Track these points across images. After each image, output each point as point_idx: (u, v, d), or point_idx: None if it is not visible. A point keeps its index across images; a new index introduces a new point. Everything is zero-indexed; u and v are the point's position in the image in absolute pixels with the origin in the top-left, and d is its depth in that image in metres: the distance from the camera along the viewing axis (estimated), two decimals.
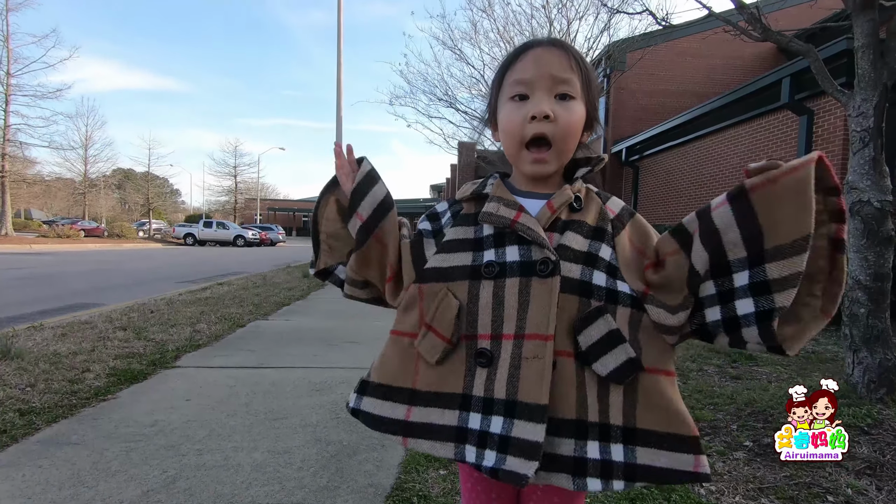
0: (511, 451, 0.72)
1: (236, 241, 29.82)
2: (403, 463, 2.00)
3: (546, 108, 0.78)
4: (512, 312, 0.76)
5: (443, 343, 0.79)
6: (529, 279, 0.76)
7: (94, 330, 4.22)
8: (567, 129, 0.79)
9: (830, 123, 6.65)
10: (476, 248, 0.81)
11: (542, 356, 0.73)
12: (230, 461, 1.98)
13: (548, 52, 0.80)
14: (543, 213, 0.80)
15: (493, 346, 0.77)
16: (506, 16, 9.78)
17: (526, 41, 0.84)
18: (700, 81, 12.96)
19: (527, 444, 0.71)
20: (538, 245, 0.76)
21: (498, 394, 0.75)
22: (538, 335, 0.74)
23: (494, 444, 0.74)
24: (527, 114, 0.78)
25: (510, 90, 0.81)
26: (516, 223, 0.78)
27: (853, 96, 2.61)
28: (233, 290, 7.32)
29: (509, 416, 0.74)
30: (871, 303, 2.52)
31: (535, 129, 0.78)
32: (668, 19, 4.13)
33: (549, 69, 0.79)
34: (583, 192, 0.85)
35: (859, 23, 2.56)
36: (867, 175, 2.54)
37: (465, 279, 0.80)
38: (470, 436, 0.77)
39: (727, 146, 8.95)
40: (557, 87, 0.79)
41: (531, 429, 0.72)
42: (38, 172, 33.31)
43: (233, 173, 50.42)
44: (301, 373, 3.24)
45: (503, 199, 0.82)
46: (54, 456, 1.99)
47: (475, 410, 0.77)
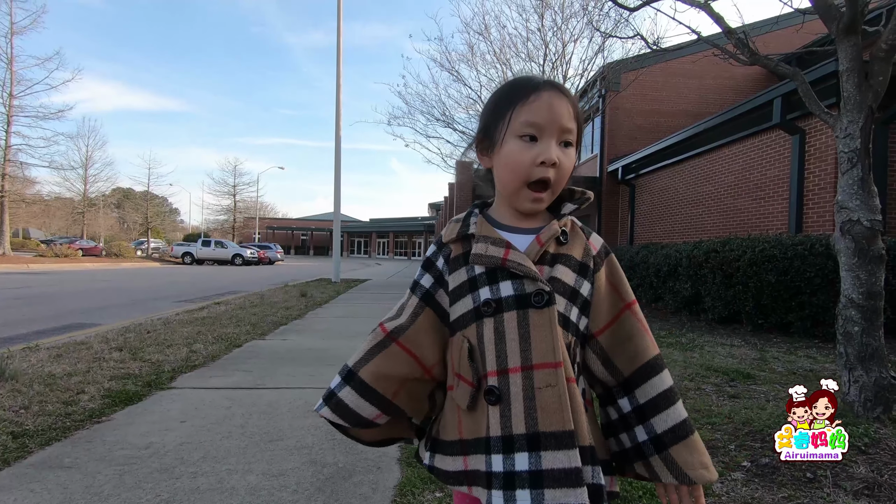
0: (548, 483, 0.72)
1: (234, 259, 29.79)
2: (399, 485, 1.98)
3: (555, 155, 0.81)
4: (514, 346, 0.78)
5: (469, 388, 0.81)
6: (526, 311, 0.78)
7: (90, 351, 4.20)
8: (566, 174, 0.84)
9: (822, 142, 6.75)
10: (472, 288, 0.84)
11: (555, 384, 0.75)
12: (224, 484, 1.96)
13: (559, 99, 0.83)
14: (532, 247, 0.83)
15: (501, 382, 0.78)
16: (502, 38, 10.01)
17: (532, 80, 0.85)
18: (693, 101, 13.17)
19: (563, 473, 0.72)
20: (530, 279, 0.79)
21: (517, 429, 0.75)
22: (547, 364, 0.76)
23: (524, 482, 0.73)
24: (536, 157, 0.81)
25: (520, 129, 0.82)
26: (507, 261, 0.80)
27: (840, 118, 2.67)
28: (230, 309, 7.30)
29: (534, 450, 0.74)
30: (864, 321, 2.54)
31: (542, 173, 0.82)
32: (659, 43, 4.23)
33: (559, 119, 0.82)
34: (568, 225, 0.88)
35: (843, 47, 2.63)
36: (856, 195, 2.58)
37: (472, 322, 0.83)
38: (494, 480, 0.76)
39: (721, 164, 9.07)
40: (563, 136, 0.83)
41: (562, 457, 0.73)
42: (37, 192, 33.41)
43: (232, 192, 50.70)
44: (297, 393, 3.22)
45: (489, 237, 0.84)
46: (46, 479, 1.97)
47: (495, 451, 0.77)
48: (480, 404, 0.81)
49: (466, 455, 0.82)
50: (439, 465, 0.86)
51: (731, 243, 6.14)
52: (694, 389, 3.37)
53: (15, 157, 24.48)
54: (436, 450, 0.88)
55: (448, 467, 0.84)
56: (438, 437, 0.88)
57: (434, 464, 0.87)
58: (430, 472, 0.88)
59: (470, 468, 0.81)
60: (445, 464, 0.85)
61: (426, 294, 0.90)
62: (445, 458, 0.85)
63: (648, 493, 1.88)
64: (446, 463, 0.85)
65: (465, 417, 0.83)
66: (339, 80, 14.47)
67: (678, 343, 5.09)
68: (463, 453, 0.82)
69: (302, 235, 64.42)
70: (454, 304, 0.86)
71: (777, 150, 7.63)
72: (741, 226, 8.30)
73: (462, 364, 0.82)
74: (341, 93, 14.55)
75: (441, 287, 0.89)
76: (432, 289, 0.90)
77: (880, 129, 6.15)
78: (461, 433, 0.83)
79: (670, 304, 7.26)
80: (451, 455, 0.84)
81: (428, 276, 0.91)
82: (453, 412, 0.86)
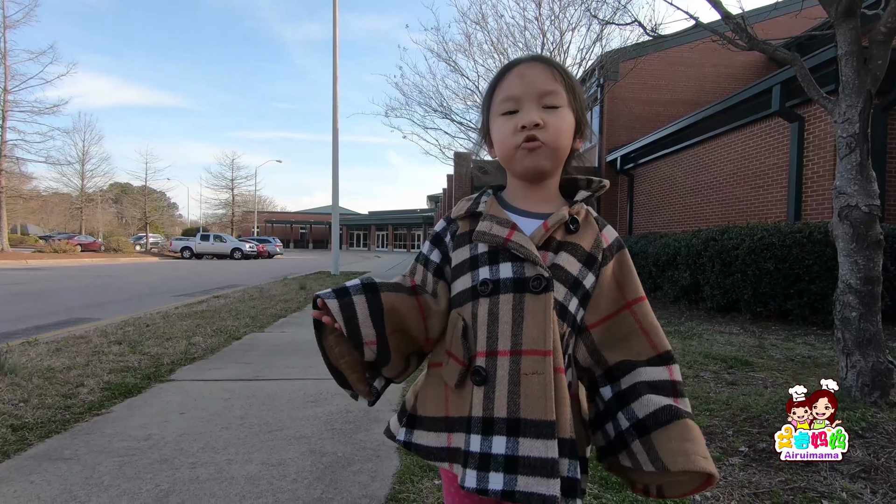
0: (522, 470, 0.72)
1: (234, 253, 29.77)
2: (398, 473, 1.99)
3: (535, 116, 0.80)
4: (506, 328, 0.77)
5: (458, 367, 0.80)
6: (523, 295, 0.77)
7: (89, 344, 4.20)
8: (557, 132, 0.82)
9: (821, 130, 6.73)
10: (473, 267, 0.83)
11: (542, 371, 0.74)
12: (224, 474, 1.97)
13: (532, 67, 0.83)
14: (538, 232, 0.82)
15: (489, 364, 0.77)
16: (499, 28, 9.89)
17: (510, 60, 0.88)
18: (692, 90, 13.10)
19: (538, 461, 0.71)
20: (531, 262, 0.78)
21: (498, 412, 0.75)
22: (536, 350, 0.75)
23: (500, 465, 0.73)
24: (517, 124, 0.81)
25: (500, 107, 0.85)
26: (509, 241, 0.79)
27: (838, 103, 2.65)
28: (229, 302, 7.30)
29: (513, 435, 0.73)
30: (862, 306, 2.54)
31: (525, 135, 0.81)
32: (658, 30, 4.20)
33: (534, 82, 0.82)
34: (581, 214, 0.86)
35: (842, 31, 2.61)
36: (854, 180, 2.57)
37: (469, 301, 0.82)
38: (470, 459, 0.76)
39: (720, 153, 9.03)
40: (544, 99, 0.82)
41: (540, 446, 0.72)
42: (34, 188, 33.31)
43: (230, 186, 50.49)
44: (297, 384, 3.23)
45: (496, 217, 0.84)
46: (46, 471, 1.98)
47: (475, 431, 0.77)
48: (468, 383, 0.80)
49: (451, 432, 0.82)
50: (419, 441, 0.86)
51: (729, 232, 6.13)
52: (692, 377, 3.38)
53: (11, 153, 24.36)
54: (414, 426, 0.87)
55: (430, 443, 0.84)
56: (418, 414, 0.88)
57: (412, 440, 0.87)
58: (406, 447, 0.88)
59: (453, 445, 0.82)
60: (427, 440, 0.85)
61: (437, 269, 0.89)
62: (427, 433, 0.85)
63: None
64: (428, 439, 0.84)
65: (453, 395, 0.82)
66: (336, 71, 14.38)
67: (677, 332, 5.11)
68: (448, 430, 0.83)
69: (301, 229, 64.34)
70: (455, 281, 0.86)
71: (776, 138, 7.60)
72: (740, 214, 8.29)
73: (455, 342, 0.82)
74: (338, 84, 14.46)
75: (447, 264, 0.89)
76: (441, 263, 0.89)
77: (879, 115, 6.12)
78: (448, 410, 0.83)
79: (669, 293, 7.26)
80: (434, 431, 0.84)
81: (437, 252, 0.91)
82: (440, 389, 0.85)
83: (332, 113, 14.47)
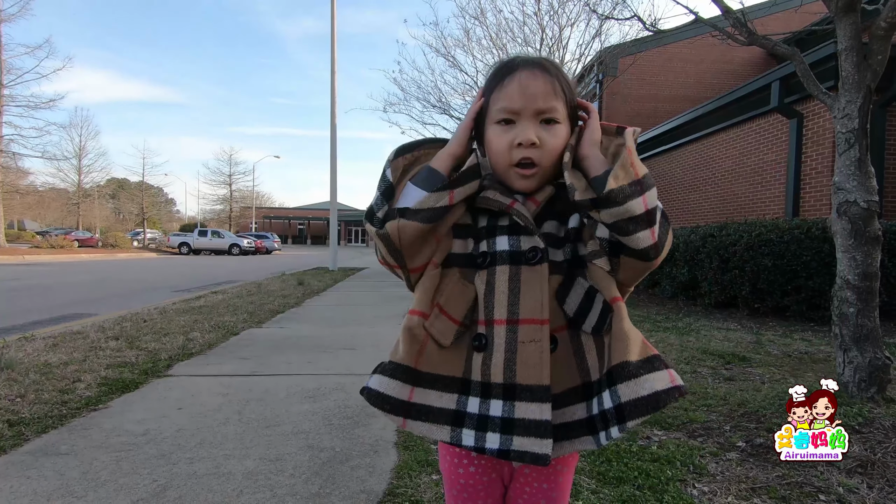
0: (517, 431, 0.75)
1: (231, 249, 29.74)
2: (396, 468, 1.99)
3: (532, 135, 0.81)
4: (502, 298, 0.79)
5: (454, 325, 0.81)
6: (519, 267, 0.80)
7: (86, 340, 4.19)
8: (552, 153, 0.83)
9: (820, 126, 6.72)
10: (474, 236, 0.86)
11: (538, 339, 0.77)
12: (221, 469, 1.97)
13: (534, 78, 0.82)
14: (529, 206, 0.85)
15: (488, 332, 0.80)
16: (498, 23, 9.85)
17: (509, 60, 0.87)
18: (691, 86, 13.09)
19: (533, 423, 0.75)
20: (527, 234, 0.81)
21: (495, 378, 0.78)
22: (534, 320, 0.78)
23: (496, 426, 0.76)
24: (513, 140, 0.82)
25: (496, 115, 0.84)
26: (511, 208, 0.82)
27: (838, 98, 2.64)
28: (227, 298, 7.29)
29: (509, 399, 0.77)
30: (860, 302, 2.54)
31: (522, 153, 0.82)
32: (657, 24, 4.18)
33: (534, 100, 0.81)
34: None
35: (842, 26, 2.60)
36: (853, 176, 2.56)
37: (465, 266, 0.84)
38: (468, 420, 0.78)
39: (719, 149, 9.03)
40: (541, 115, 0.83)
41: (535, 409, 0.75)
42: (31, 183, 33.20)
43: (228, 182, 50.36)
44: (295, 380, 3.23)
45: (500, 187, 0.86)
46: (43, 466, 1.97)
47: (473, 394, 0.79)
48: (460, 346, 0.81)
49: (415, 386, 0.80)
50: (374, 386, 0.81)
51: (727, 228, 6.14)
52: (690, 373, 3.39)
53: (7, 148, 24.25)
54: (378, 370, 0.83)
55: (390, 392, 0.79)
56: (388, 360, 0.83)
57: (370, 384, 0.82)
58: (361, 393, 0.82)
59: (415, 400, 0.80)
60: (388, 387, 0.79)
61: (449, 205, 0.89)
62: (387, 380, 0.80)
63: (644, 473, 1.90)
64: (389, 386, 0.79)
65: (432, 352, 0.81)
66: (334, 66, 14.32)
67: (675, 327, 5.11)
68: (412, 383, 0.80)
69: (299, 225, 64.25)
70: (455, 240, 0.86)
71: (775, 135, 7.60)
72: (738, 210, 8.29)
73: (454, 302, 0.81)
74: (336, 79, 14.40)
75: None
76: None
77: (878, 111, 6.12)
78: (417, 363, 0.81)
79: (667, 289, 7.27)
80: (398, 380, 0.79)
81: None
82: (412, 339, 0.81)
83: (329, 108, 14.42)
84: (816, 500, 1.75)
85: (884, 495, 1.77)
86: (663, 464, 2.00)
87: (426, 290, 0.83)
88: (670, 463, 2.01)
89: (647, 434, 2.33)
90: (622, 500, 1.73)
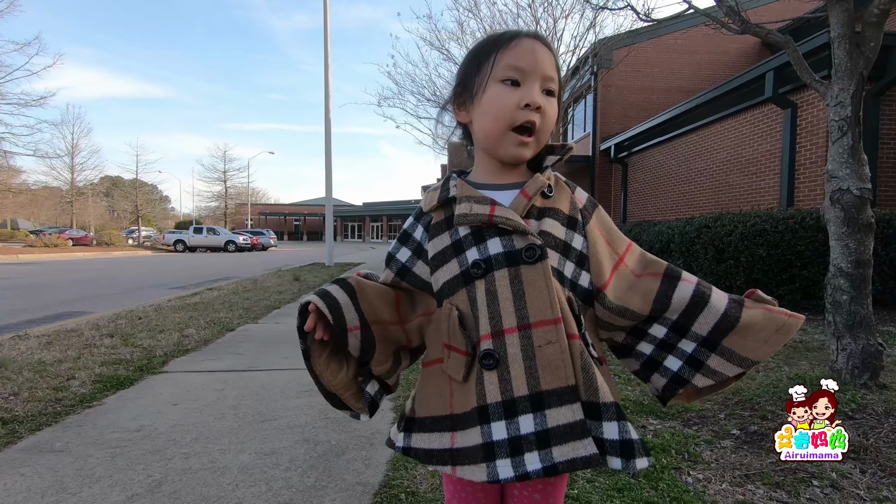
0: (555, 441, 0.70)
1: (227, 246, 29.60)
2: (392, 460, 1.99)
3: (540, 99, 0.80)
4: (508, 305, 0.75)
5: (463, 357, 0.77)
6: (518, 268, 0.75)
7: (81, 338, 4.17)
8: (551, 122, 0.82)
9: (814, 116, 6.73)
10: (458, 252, 0.80)
11: (555, 340, 0.73)
12: (217, 464, 1.96)
13: (541, 48, 0.82)
14: (519, 202, 0.80)
15: (497, 345, 0.74)
16: (492, 15, 9.80)
17: (512, 30, 0.85)
18: (686, 77, 13.06)
19: (568, 427, 0.70)
20: (520, 233, 0.76)
21: (518, 391, 0.72)
22: (545, 321, 0.73)
23: (532, 444, 0.71)
24: (520, 100, 0.79)
25: (503, 73, 0.80)
26: (493, 217, 0.77)
27: (830, 86, 2.64)
28: (223, 294, 7.26)
29: (539, 410, 0.72)
30: (853, 290, 2.55)
31: (527, 116, 0.79)
32: (650, 14, 4.16)
33: (542, 65, 0.81)
34: (552, 179, 0.86)
35: (835, 13, 2.59)
36: (846, 163, 2.57)
37: (461, 287, 0.79)
38: (498, 449, 0.72)
39: (714, 140, 9.04)
40: (546, 83, 0.81)
41: (566, 412, 0.71)
42: (23, 181, 32.84)
43: (222, 178, 50.03)
44: (290, 374, 3.22)
45: (472, 197, 0.81)
46: (37, 464, 1.96)
47: (496, 419, 0.73)
48: (474, 374, 0.77)
49: (455, 431, 0.77)
50: (420, 445, 0.81)
51: (722, 219, 6.15)
52: None
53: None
54: (412, 429, 0.83)
55: (432, 445, 0.79)
56: (416, 416, 0.84)
57: (412, 444, 0.82)
58: (406, 454, 0.83)
59: (457, 445, 0.76)
60: (429, 442, 0.80)
61: (402, 269, 0.88)
62: (429, 435, 0.80)
63: None
64: (430, 441, 0.79)
65: (458, 391, 0.78)
66: (328, 60, 14.21)
67: None
68: (452, 429, 0.78)
69: (295, 221, 64.03)
70: (437, 272, 0.82)
71: (769, 125, 7.61)
72: (733, 201, 8.31)
73: (453, 333, 0.78)
74: (330, 74, 14.30)
75: (420, 258, 0.86)
76: (409, 262, 0.87)
77: (872, 100, 6.13)
78: (453, 408, 0.78)
79: None
80: (437, 432, 0.79)
81: (405, 250, 0.88)
82: (442, 386, 0.81)
83: (324, 103, 14.33)
84: (810, 485, 1.77)
85: (876, 480, 1.79)
86: (658, 452, 2.01)
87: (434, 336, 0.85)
88: (665, 451, 2.02)
89: (643, 423, 2.34)
90: (617, 489, 1.74)
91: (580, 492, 1.72)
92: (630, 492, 1.72)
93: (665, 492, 1.72)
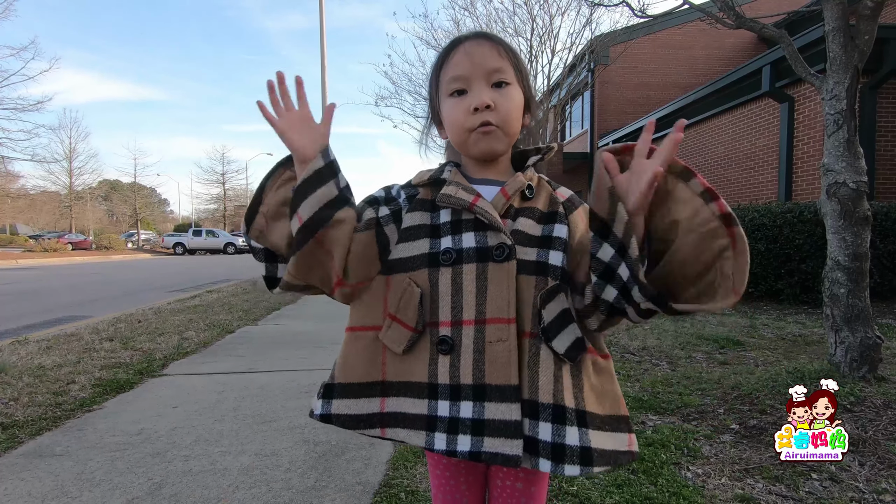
0: (488, 432, 0.74)
1: (227, 248, 29.62)
2: (391, 460, 1.99)
3: (486, 98, 0.80)
4: (470, 298, 0.77)
5: (409, 332, 0.79)
6: (486, 265, 0.77)
7: (80, 342, 4.17)
8: (508, 114, 0.82)
9: (811, 109, 6.73)
10: (433, 234, 0.82)
11: (506, 339, 0.75)
12: (217, 465, 1.97)
13: (477, 45, 0.83)
14: (498, 200, 0.82)
15: (454, 333, 0.77)
16: (488, 13, 9.78)
17: (453, 40, 0.86)
18: (683, 73, 13.07)
19: (503, 424, 0.74)
20: (494, 230, 0.78)
21: (464, 379, 0.76)
22: (500, 319, 0.76)
23: (467, 428, 0.75)
24: (468, 106, 0.81)
25: (448, 87, 0.84)
26: (475, 206, 0.79)
27: (826, 80, 2.64)
28: (222, 297, 7.27)
29: (479, 400, 0.75)
30: (850, 283, 2.55)
31: (480, 118, 0.81)
32: (646, 10, 4.16)
33: (481, 63, 0.81)
34: (534, 180, 0.87)
35: (829, 6, 2.59)
36: (842, 157, 2.57)
37: (424, 267, 0.80)
38: (439, 423, 0.77)
39: (711, 136, 9.04)
40: (492, 77, 0.82)
41: (505, 409, 0.74)
42: (22, 186, 32.87)
43: (221, 181, 49.96)
44: (290, 375, 3.22)
45: (461, 184, 0.83)
46: (37, 468, 1.97)
47: (443, 398, 0.78)
48: (419, 350, 0.79)
49: (386, 397, 0.81)
50: (343, 411, 0.82)
51: None
52: (685, 358, 3.41)
53: None
54: (333, 395, 0.83)
55: (360, 410, 0.81)
56: (336, 381, 0.84)
57: (331, 410, 0.83)
58: (324, 420, 0.83)
59: (388, 410, 0.81)
60: (355, 408, 0.81)
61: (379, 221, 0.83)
62: (355, 401, 0.81)
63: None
64: (356, 406, 0.81)
65: (394, 361, 0.81)
66: (324, 61, 14.19)
67: None
68: (383, 394, 0.81)
69: None
70: (402, 244, 0.82)
71: (766, 119, 7.61)
72: (731, 196, 8.31)
73: (405, 307, 0.79)
74: (326, 74, 14.28)
75: (393, 222, 0.83)
76: (384, 220, 0.83)
77: (868, 93, 6.13)
78: (384, 374, 0.81)
79: None
80: (365, 397, 0.81)
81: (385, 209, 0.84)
82: (373, 353, 0.81)
83: (320, 103, 14.31)
84: (809, 478, 1.77)
85: (875, 472, 1.79)
86: (658, 448, 2.01)
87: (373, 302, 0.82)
88: (665, 447, 2.02)
89: (642, 419, 2.34)
90: (617, 485, 1.74)
91: (579, 488, 1.73)
92: (629, 487, 1.73)
93: (664, 487, 1.72)
